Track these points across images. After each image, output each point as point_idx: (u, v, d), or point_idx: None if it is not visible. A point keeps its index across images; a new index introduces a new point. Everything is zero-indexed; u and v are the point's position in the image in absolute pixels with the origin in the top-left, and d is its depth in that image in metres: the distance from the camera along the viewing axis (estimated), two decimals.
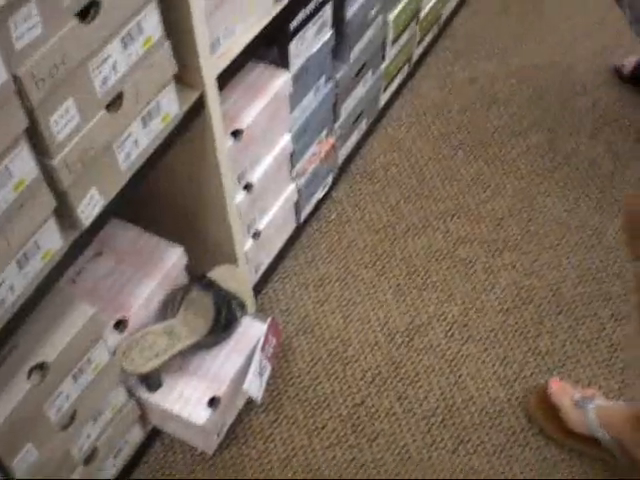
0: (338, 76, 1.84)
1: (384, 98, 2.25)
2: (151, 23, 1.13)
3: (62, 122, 1.04)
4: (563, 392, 1.68)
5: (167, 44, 1.18)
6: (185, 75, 1.28)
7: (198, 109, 1.32)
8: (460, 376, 1.80)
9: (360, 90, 2.01)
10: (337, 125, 1.96)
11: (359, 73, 1.95)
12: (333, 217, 2.08)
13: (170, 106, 1.26)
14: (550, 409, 1.69)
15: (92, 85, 1.06)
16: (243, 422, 1.74)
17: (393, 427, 1.74)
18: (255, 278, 1.86)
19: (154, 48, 1.16)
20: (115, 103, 1.13)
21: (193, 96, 1.31)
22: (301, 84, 1.68)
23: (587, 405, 1.62)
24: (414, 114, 2.33)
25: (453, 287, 1.95)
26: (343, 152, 2.09)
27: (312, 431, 1.73)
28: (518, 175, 2.19)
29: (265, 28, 1.44)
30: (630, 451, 1.57)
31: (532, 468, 1.68)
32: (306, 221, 2.02)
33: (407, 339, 1.86)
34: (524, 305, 1.91)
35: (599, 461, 1.66)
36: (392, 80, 2.25)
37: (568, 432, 1.66)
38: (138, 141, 1.21)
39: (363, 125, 2.15)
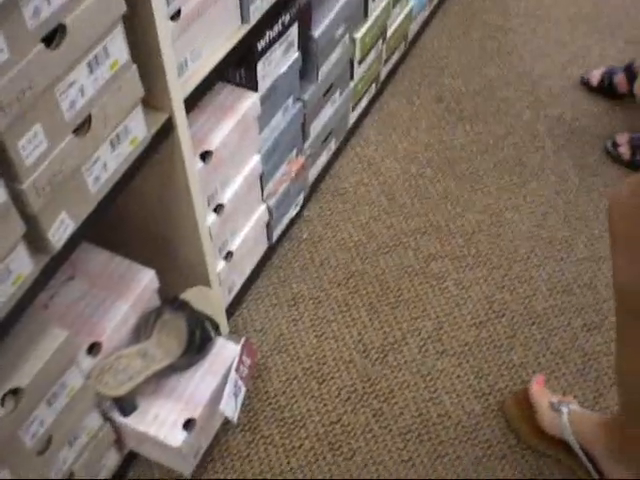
0: (306, 96, 1.85)
1: (353, 117, 2.27)
2: (117, 47, 1.14)
3: (30, 147, 1.04)
4: (542, 393, 1.70)
5: (134, 67, 1.19)
6: (153, 98, 1.29)
7: (166, 132, 1.33)
8: (435, 391, 1.81)
9: (329, 110, 2.03)
10: (307, 145, 1.97)
11: (327, 93, 1.97)
12: (305, 236, 2.09)
13: (138, 129, 1.26)
14: (527, 410, 1.70)
15: (59, 109, 1.07)
16: (220, 443, 1.74)
17: (370, 444, 1.74)
18: (228, 299, 1.86)
19: (121, 72, 1.16)
20: (83, 127, 1.14)
21: (161, 119, 1.31)
22: (269, 105, 1.70)
23: (562, 408, 1.63)
24: (382, 133, 2.35)
25: (426, 303, 1.96)
26: (313, 172, 2.10)
27: (289, 450, 1.73)
28: (486, 191, 2.21)
29: (232, 50, 1.46)
30: (598, 462, 1.58)
31: None
32: (278, 241, 2.03)
33: (381, 356, 1.87)
34: (497, 318, 1.93)
35: (573, 469, 1.67)
36: (360, 99, 2.27)
37: (542, 434, 1.67)
38: (107, 164, 1.22)
39: (332, 144, 2.17)
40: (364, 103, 2.32)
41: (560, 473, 1.69)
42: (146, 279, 1.52)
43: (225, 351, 1.62)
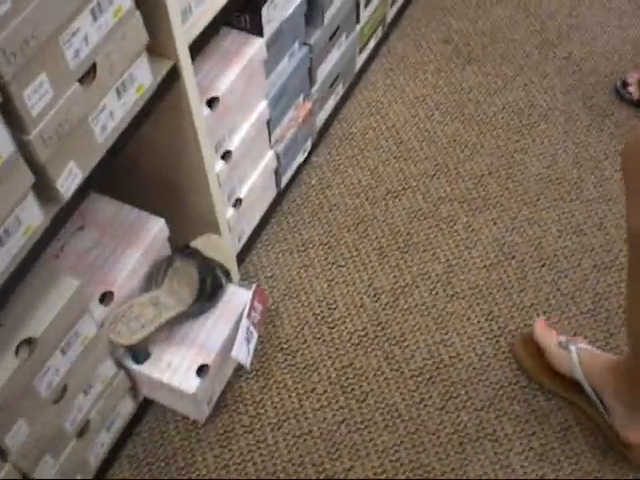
0: (312, 40, 1.83)
1: (360, 61, 2.25)
2: None
3: (36, 97, 1.03)
4: (548, 333, 1.70)
5: (137, 14, 1.18)
6: (157, 45, 1.28)
7: (172, 79, 1.32)
8: (446, 333, 1.82)
9: (335, 54, 2.01)
10: (314, 90, 1.96)
11: (333, 36, 1.95)
12: (313, 182, 2.09)
13: (144, 77, 1.26)
14: (535, 350, 1.71)
15: (64, 58, 1.06)
16: (233, 389, 1.75)
17: (382, 387, 1.76)
18: (238, 246, 1.86)
19: (125, 19, 1.15)
20: (88, 76, 1.13)
21: (166, 66, 1.30)
22: (275, 50, 1.68)
23: (571, 347, 1.64)
24: (390, 77, 2.33)
25: (436, 246, 1.96)
26: (321, 117, 2.09)
27: (302, 394, 1.75)
28: (495, 134, 2.20)
29: None
30: (606, 402, 1.59)
31: (521, 421, 1.70)
32: (287, 187, 2.03)
33: (392, 299, 1.87)
34: (507, 260, 1.93)
35: (585, 411, 1.68)
36: (367, 43, 2.25)
37: (553, 374, 1.68)
38: (113, 113, 1.21)
39: (340, 89, 2.15)
40: (371, 47, 2.30)
41: (570, 412, 1.70)
42: (156, 228, 1.52)
43: (236, 298, 1.62)
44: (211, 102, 1.50)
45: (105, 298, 1.45)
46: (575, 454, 1.66)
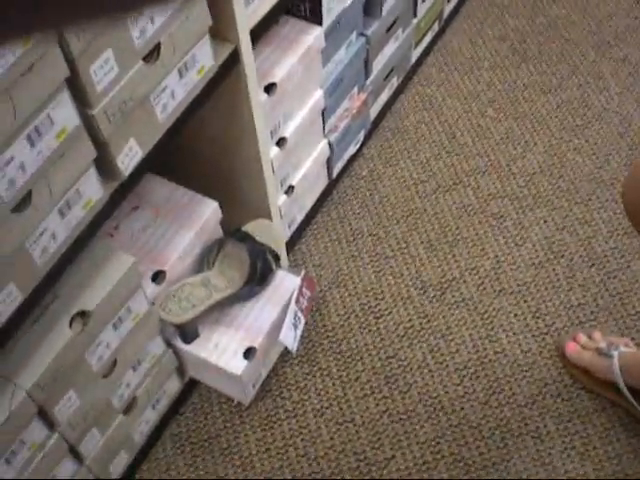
0: (369, 32, 1.84)
1: (415, 55, 2.25)
2: None
3: (101, 72, 1.06)
4: (580, 352, 1.71)
5: None
6: (220, 29, 1.29)
7: (233, 62, 1.34)
8: (492, 329, 1.82)
9: (391, 46, 2.02)
10: (369, 81, 1.97)
11: (390, 29, 1.96)
12: (365, 173, 2.10)
13: (205, 59, 1.27)
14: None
15: (130, 36, 1.08)
16: (278, 374, 1.77)
17: (425, 379, 1.76)
18: (288, 233, 1.88)
19: (190, 1, 1.17)
20: (152, 55, 1.15)
21: (227, 49, 1.32)
22: (333, 39, 1.69)
23: (613, 352, 1.64)
24: (444, 71, 2.33)
25: (485, 242, 1.96)
26: (375, 109, 2.10)
27: (346, 383, 1.76)
28: (548, 132, 2.19)
29: None
30: None
31: (564, 419, 1.70)
32: (338, 177, 2.04)
33: (439, 293, 1.88)
34: (556, 259, 1.92)
35: (627, 410, 1.67)
36: (423, 37, 2.25)
37: (594, 378, 1.68)
38: (175, 93, 1.23)
39: (394, 82, 2.16)
40: (427, 41, 2.30)
41: (614, 413, 1.69)
42: (209, 210, 1.54)
43: (285, 283, 1.64)
44: (269, 88, 1.52)
45: (157, 277, 1.47)
46: (617, 455, 1.66)
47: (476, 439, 1.69)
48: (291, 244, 1.92)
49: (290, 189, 1.77)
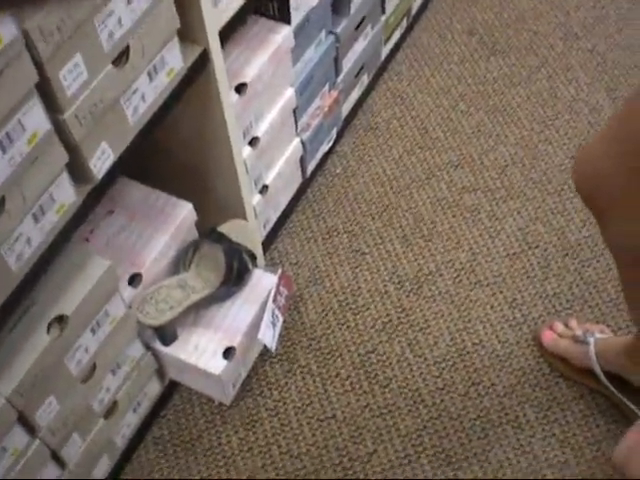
0: (338, 30, 1.85)
1: (385, 51, 2.26)
2: None
3: (71, 77, 1.06)
4: (557, 340, 1.73)
5: None
6: (188, 31, 1.30)
7: (202, 64, 1.34)
8: (469, 321, 1.83)
9: (361, 44, 2.02)
10: (339, 79, 1.98)
11: (359, 26, 1.96)
12: (338, 171, 2.11)
13: (175, 61, 1.28)
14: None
15: (98, 40, 1.09)
16: (258, 373, 1.78)
17: (405, 373, 1.77)
18: (264, 233, 1.88)
19: (157, 2, 1.17)
20: (121, 58, 1.16)
21: (197, 51, 1.33)
22: (302, 38, 1.70)
23: (589, 339, 1.65)
24: (415, 67, 2.34)
25: (460, 235, 1.97)
26: (346, 106, 2.11)
27: (326, 379, 1.77)
28: (519, 124, 2.20)
29: None
30: (628, 381, 1.60)
31: (543, 407, 1.71)
32: (312, 175, 2.05)
33: (416, 287, 1.89)
34: (530, 250, 1.94)
35: (605, 396, 1.69)
36: (392, 33, 2.26)
37: (571, 366, 1.70)
38: (145, 95, 1.24)
39: (365, 79, 2.17)
40: (396, 37, 2.31)
41: (592, 400, 1.71)
42: (184, 212, 1.55)
43: (262, 282, 1.65)
44: (239, 88, 1.52)
45: (134, 280, 1.48)
46: (597, 441, 1.67)
47: (457, 430, 1.70)
48: (267, 243, 1.92)
49: (264, 188, 1.78)
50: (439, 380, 1.76)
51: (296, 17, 1.64)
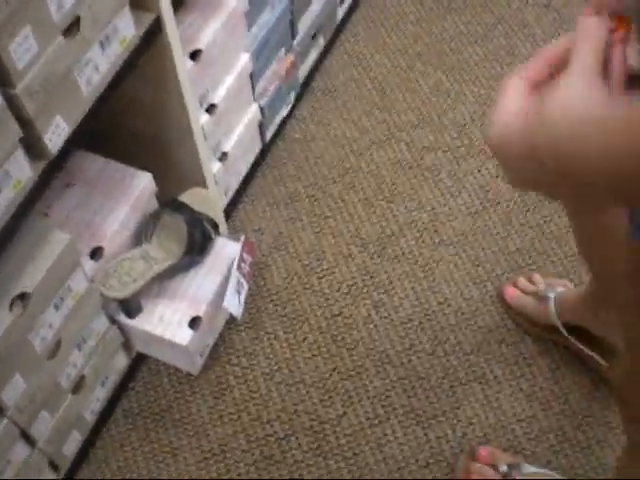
0: None
1: (340, 13, 2.24)
2: None
3: (21, 50, 1.04)
4: (519, 296, 1.75)
5: None
6: None
7: (155, 31, 1.32)
8: (434, 280, 1.84)
9: (316, 5, 2.00)
10: (295, 42, 1.96)
11: None
12: (298, 135, 2.09)
13: (127, 29, 1.26)
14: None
15: (48, 11, 1.06)
16: (225, 341, 1.77)
17: (371, 334, 1.78)
18: (225, 200, 1.87)
19: None
20: (72, 29, 1.13)
21: (149, 18, 1.31)
22: (256, 1, 1.68)
23: (549, 294, 1.67)
24: (371, 28, 2.33)
25: (421, 195, 1.98)
26: (303, 70, 2.09)
27: (293, 344, 1.77)
28: (477, 82, 2.20)
29: None
30: (589, 331, 1.62)
31: (509, 363, 1.73)
32: (271, 141, 2.03)
33: (379, 248, 1.89)
34: (492, 207, 1.95)
35: (573, 353, 1.71)
36: None
37: (538, 324, 1.72)
38: (98, 66, 1.22)
39: (321, 41, 2.15)
40: None
41: (557, 353, 1.73)
42: (143, 182, 1.53)
43: (225, 250, 1.64)
44: (194, 55, 1.51)
45: (95, 253, 1.46)
46: (564, 394, 1.69)
47: (425, 389, 1.71)
48: (229, 211, 1.91)
49: (223, 156, 1.76)
50: (406, 340, 1.77)
51: None
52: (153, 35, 1.32)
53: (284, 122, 2.07)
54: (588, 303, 1.58)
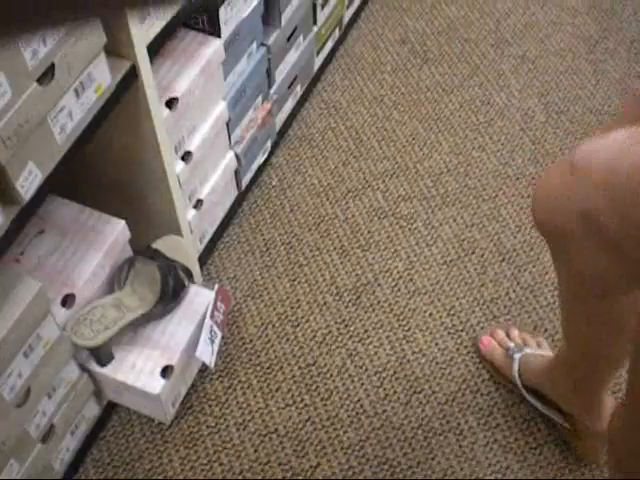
0: (270, 41, 1.84)
1: (318, 62, 2.26)
2: None
3: None
4: (493, 347, 1.74)
5: None
6: (116, 46, 1.28)
7: (131, 79, 1.32)
8: (409, 329, 1.84)
9: (293, 55, 2.02)
10: (272, 91, 1.97)
11: (291, 37, 1.96)
12: (274, 183, 2.10)
13: (102, 77, 1.26)
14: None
15: (22, 58, 1.06)
16: (198, 390, 1.75)
17: (346, 384, 1.77)
18: (200, 248, 1.86)
19: (83, 19, 1.15)
20: (46, 75, 1.13)
21: (125, 66, 1.31)
22: (233, 51, 1.69)
23: (515, 355, 1.68)
24: (348, 77, 2.35)
25: (397, 244, 1.98)
26: (280, 118, 2.10)
27: (267, 394, 1.75)
28: (453, 132, 2.22)
29: None
30: (554, 400, 1.62)
31: (485, 413, 1.72)
32: (247, 188, 2.03)
33: (354, 297, 1.89)
34: (467, 256, 1.95)
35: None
36: (324, 43, 2.26)
37: (506, 379, 1.73)
38: (72, 113, 1.21)
39: (298, 90, 2.16)
40: (329, 47, 2.31)
41: (533, 405, 1.72)
42: (117, 230, 1.52)
43: (199, 298, 1.63)
44: (170, 103, 1.51)
45: (67, 301, 1.44)
46: (538, 445, 1.69)
47: (399, 440, 1.70)
48: (204, 258, 1.90)
49: (199, 203, 1.76)
50: (380, 390, 1.76)
51: (226, 30, 1.63)
52: (129, 83, 1.32)
53: (260, 169, 2.07)
54: (549, 373, 1.59)
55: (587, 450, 1.63)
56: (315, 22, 2.13)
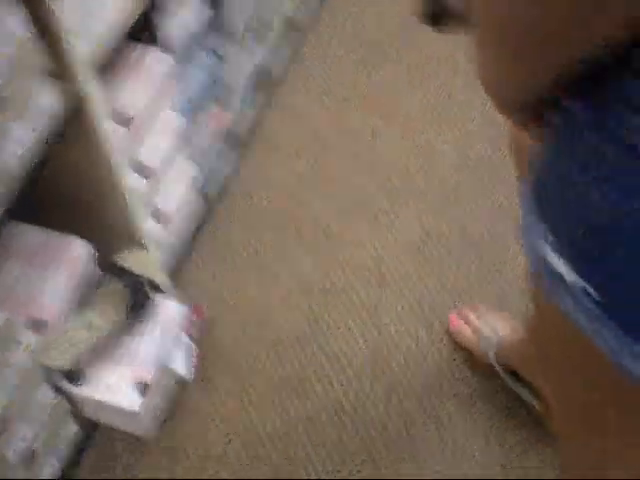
0: (221, 50, 1.84)
1: (277, 68, 2.26)
2: (16, 22, 1.13)
3: None
4: (463, 329, 1.77)
5: (34, 40, 1.18)
6: (60, 68, 1.27)
7: (80, 102, 1.32)
8: (381, 323, 1.85)
9: (248, 62, 2.02)
10: (230, 99, 1.96)
11: (243, 43, 1.96)
12: (240, 191, 2.10)
13: (49, 102, 1.25)
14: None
15: None
16: (177, 403, 1.76)
17: (325, 386, 1.77)
18: (168, 259, 1.86)
19: (22, 45, 1.15)
20: None
21: (72, 88, 1.30)
22: (185, 62, 1.69)
23: (484, 333, 1.70)
24: (308, 80, 2.35)
25: (365, 239, 1.99)
26: (242, 125, 2.10)
27: (246, 401, 1.76)
28: (414, 127, 2.23)
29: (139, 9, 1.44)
30: (531, 381, 1.64)
31: (463, 400, 1.73)
32: (213, 199, 2.04)
33: (325, 296, 1.90)
34: (433, 244, 1.97)
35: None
36: (281, 47, 2.26)
37: (480, 364, 1.74)
38: (21, 139, 1.21)
39: (258, 96, 2.16)
40: (286, 51, 2.31)
41: (511, 390, 1.74)
42: (81, 249, 1.52)
43: (170, 311, 1.63)
44: (123, 120, 1.51)
45: (35, 326, 1.44)
46: (520, 426, 1.70)
47: (382, 435, 1.71)
48: (175, 271, 1.90)
49: (161, 216, 1.76)
50: (358, 387, 1.76)
51: (177, 42, 1.63)
52: (78, 104, 1.32)
53: (225, 179, 2.08)
54: (518, 348, 1.61)
55: None
56: (270, 28, 2.12)
